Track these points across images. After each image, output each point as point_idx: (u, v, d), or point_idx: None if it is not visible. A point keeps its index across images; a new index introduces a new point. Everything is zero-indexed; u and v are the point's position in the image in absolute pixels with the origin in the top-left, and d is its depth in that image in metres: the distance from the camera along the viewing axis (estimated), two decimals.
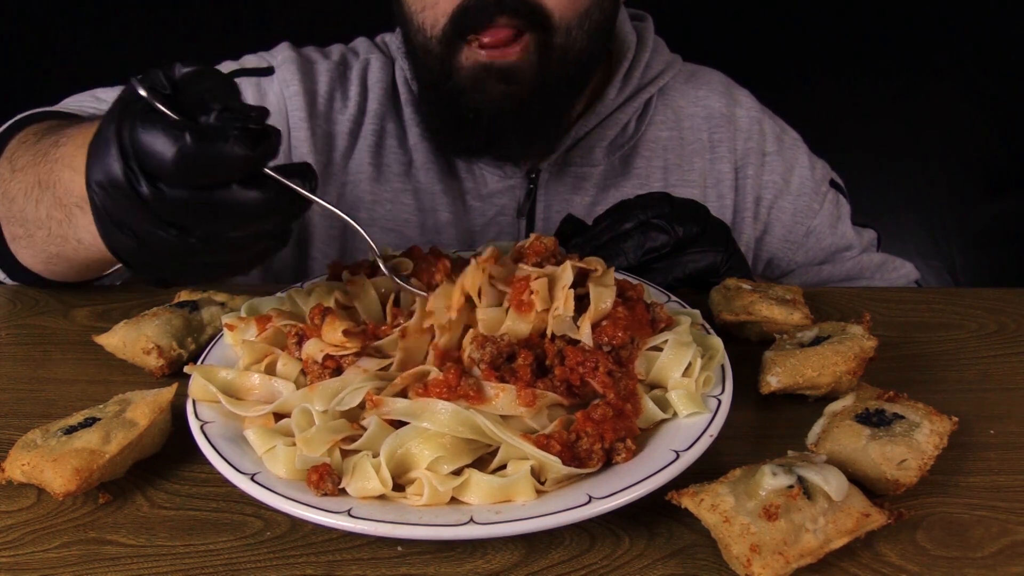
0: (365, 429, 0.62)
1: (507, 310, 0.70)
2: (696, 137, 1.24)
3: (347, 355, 0.68)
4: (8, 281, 0.98)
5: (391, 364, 0.68)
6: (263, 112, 0.60)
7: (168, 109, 0.59)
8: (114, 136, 0.61)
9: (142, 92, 0.59)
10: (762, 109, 1.28)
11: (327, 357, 0.68)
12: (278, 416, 0.67)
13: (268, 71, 1.17)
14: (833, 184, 1.27)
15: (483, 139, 1.08)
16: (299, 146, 1.15)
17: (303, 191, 0.61)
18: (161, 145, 0.58)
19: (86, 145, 0.67)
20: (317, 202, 0.62)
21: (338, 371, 0.68)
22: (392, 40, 1.26)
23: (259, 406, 0.67)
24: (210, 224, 0.61)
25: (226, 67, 1.19)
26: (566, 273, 0.69)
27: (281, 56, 1.18)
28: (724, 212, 1.22)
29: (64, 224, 0.79)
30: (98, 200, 0.63)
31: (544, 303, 0.69)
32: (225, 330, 0.76)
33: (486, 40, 0.99)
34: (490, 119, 1.04)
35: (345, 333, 0.68)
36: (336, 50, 1.24)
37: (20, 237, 0.89)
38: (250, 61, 1.19)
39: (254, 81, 1.16)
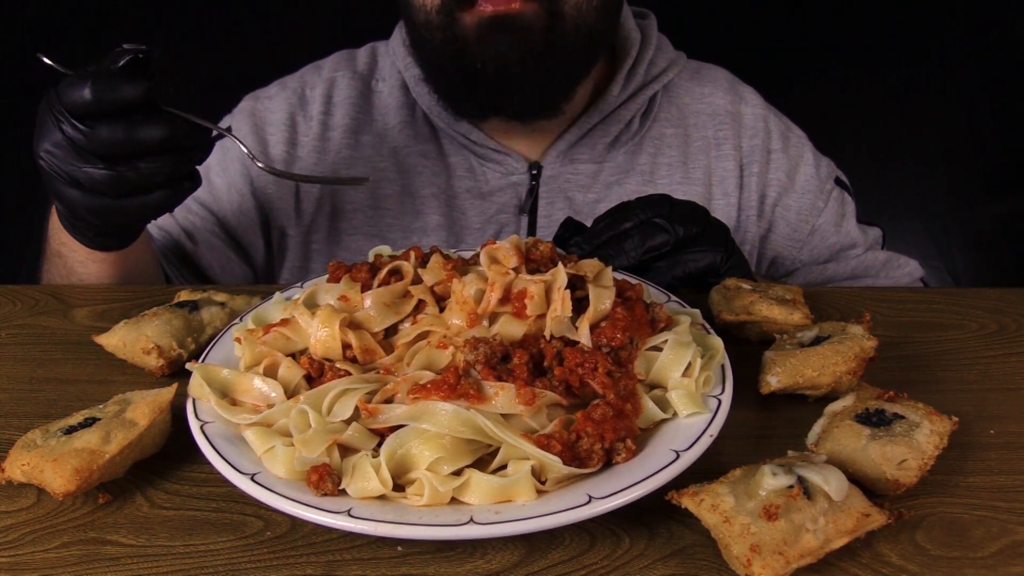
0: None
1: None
2: (701, 134, 1.24)
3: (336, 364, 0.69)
4: None
5: (375, 368, 0.69)
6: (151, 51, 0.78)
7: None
8: (45, 107, 0.78)
9: (45, 60, 0.79)
10: (767, 106, 1.28)
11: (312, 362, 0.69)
12: None
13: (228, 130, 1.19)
14: (838, 182, 1.27)
15: (491, 93, 1.08)
16: (267, 186, 1.19)
17: (201, 121, 0.79)
18: (76, 90, 0.75)
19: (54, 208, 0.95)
20: (216, 128, 0.80)
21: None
22: (383, 49, 1.26)
23: (251, 414, 0.66)
24: (130, 150, 0.77)
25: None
26: (560, 275, 0.69)
27: (238, 115, 1.23)
28: (729, 210, 1.22)
29: (63, 269, 1.00)
30: (46, 165, 0.79)
31: (539, 308, 0.69)
32: (235, 343, 0.75)
33: (488, 8, 1.00)
34: (496, 71, 1.04)
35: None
36: (297, 76, 1.26)
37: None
38: (224, 122, 1.21)
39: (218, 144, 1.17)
